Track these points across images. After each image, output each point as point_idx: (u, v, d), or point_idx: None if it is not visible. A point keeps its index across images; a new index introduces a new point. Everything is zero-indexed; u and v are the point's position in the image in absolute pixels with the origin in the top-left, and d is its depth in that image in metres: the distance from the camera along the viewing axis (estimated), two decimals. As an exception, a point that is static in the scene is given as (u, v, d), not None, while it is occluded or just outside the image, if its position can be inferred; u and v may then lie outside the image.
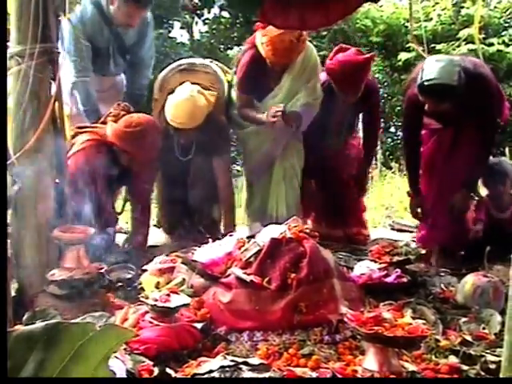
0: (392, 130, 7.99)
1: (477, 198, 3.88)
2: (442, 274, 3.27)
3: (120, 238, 3.82)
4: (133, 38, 3.97)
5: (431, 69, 3.25)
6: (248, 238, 3.00)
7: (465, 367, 2.20)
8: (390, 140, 7.85)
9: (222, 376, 2.01)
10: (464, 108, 3.33)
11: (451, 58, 3.40)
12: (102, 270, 2.81)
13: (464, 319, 2.62)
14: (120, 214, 3.73)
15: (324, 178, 4.09)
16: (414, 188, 3.74)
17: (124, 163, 3.38)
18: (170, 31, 8.64)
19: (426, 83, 3.24)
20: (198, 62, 4.02)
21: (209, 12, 8.49)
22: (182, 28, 8.84)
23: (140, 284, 2.89)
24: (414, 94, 3.39)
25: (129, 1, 3.67)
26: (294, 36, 3.50)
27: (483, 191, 3.90)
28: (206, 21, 8.86)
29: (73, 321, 0.76)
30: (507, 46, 7.87)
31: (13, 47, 2.61)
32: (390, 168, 6.82)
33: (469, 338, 2.43)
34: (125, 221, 4.20)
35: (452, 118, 3.49)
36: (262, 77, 3.75)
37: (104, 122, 3.43)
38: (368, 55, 3.80)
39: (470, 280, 2.86)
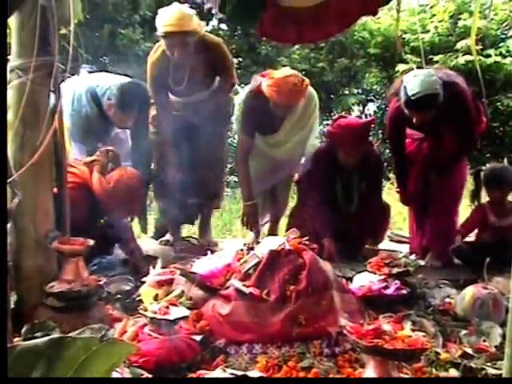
0: (390, 141, 8.00)
1: (473, 206, 3.92)
2: (442, 285, 3.26)
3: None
4: None
5: (413, 84, 3.47)
6: (247, 249, 3.01)
7: (465, 380, 2.20)
8: (387, 151, 7.84)
9: (222, 389, 2.01)
10: (442, 115, 3.56)
11: (427, 70, 3.69)
12: (101, 282, 2.81)
13: (464, 332, 2.62)
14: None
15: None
16: (403, 185, 4.03)
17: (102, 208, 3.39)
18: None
19: (412, 98, 3.45)
20: None
21: (207, 24, 8.51)
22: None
23: (139, 296, 2.88)
24: (396, 108, 3.71)
25: (124, 109, 3.75)
26: (298, 79, 3.77)
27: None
28: (205, 33, 8.89)
29: (75, 334, 0.76)
30: (504, 57, 7.92)
31: (13, 60, 2.61)
32: (389, 179, 6.81)
33: (469, 350, 2.42)
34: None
35: (433, 127, 3.72)
36: (265, 120, 3.96)
37: (87, 163, 3.41)
38: (367, 119, 4.03)
39: (470, 292, 2.86)
